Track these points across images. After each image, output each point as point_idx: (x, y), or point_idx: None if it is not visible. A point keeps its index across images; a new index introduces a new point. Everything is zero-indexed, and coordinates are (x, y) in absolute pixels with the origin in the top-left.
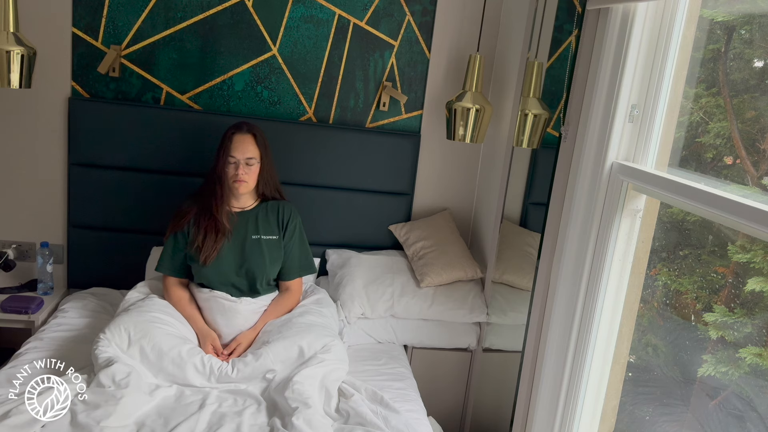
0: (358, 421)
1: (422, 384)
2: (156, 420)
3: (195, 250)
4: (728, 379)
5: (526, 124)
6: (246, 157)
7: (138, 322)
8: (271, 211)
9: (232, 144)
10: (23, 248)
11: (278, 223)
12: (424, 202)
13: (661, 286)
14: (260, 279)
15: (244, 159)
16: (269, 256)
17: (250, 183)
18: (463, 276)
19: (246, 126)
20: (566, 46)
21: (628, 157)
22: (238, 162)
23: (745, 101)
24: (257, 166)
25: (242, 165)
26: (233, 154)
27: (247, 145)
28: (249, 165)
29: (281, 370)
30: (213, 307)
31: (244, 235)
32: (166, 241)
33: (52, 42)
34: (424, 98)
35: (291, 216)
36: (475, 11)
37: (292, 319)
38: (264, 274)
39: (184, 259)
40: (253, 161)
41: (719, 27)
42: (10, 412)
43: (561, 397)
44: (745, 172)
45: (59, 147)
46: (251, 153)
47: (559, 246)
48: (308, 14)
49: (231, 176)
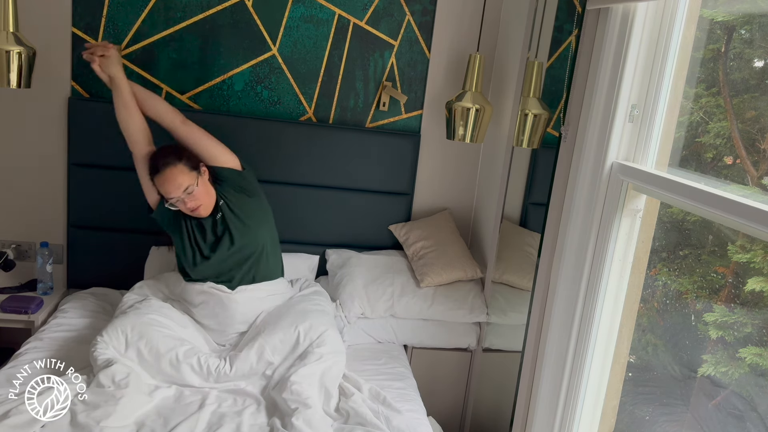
0: (358, 421)
1: (422, 384)
2: (156, 420)
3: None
4: (728, 379)
5: (526, 124)
6: (182, 192)
7: (135, 324)
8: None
9: (163, 187)
10: (23, 248)
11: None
12: (424, 202)
13: (661, 286)
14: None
15: (182, 194)
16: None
17: (205, 204)
18: (463, 276)
19: (160, 161)
20: (566, 46)
21: (628, 157)
22: (180, 198)
23: (745, 101)
24: (199, 186)
25: (185, 199)
26: (169, 196)
27: (176, 180)
28: (190, 193)
29: (279, 363)
30: (208, 301)
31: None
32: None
33: (52, 42)
34: (424, 98)
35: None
36: (475, 11)
37: (288, 308)
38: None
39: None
40: (192, 188)
41: (719, 27)
42: (10, 412)
43: (561, 397)
44: (745, 172)
45: (59, 147)
46: (185, 183)
47: (559, 246)
48: (308, 14)
49: (185, 210)
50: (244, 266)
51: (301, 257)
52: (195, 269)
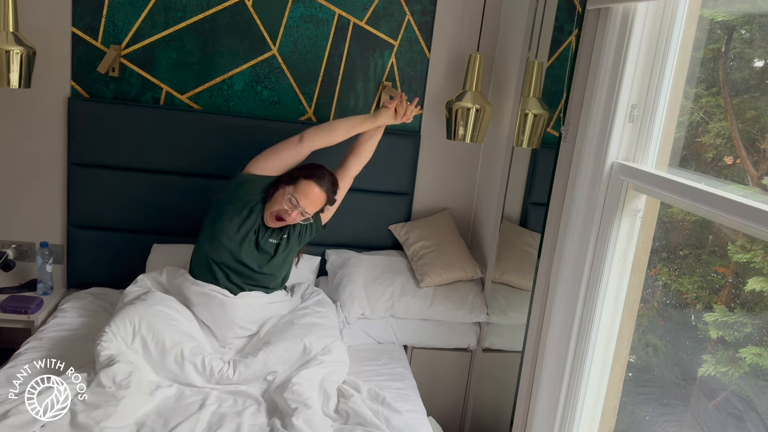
0: (358, 422)
1: (422, 384)
2: (156, 420)
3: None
4: (728, 379)
5: (526, 124)
6: (308, 210)
7: (143, 315)
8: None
9: (307, 189)
10: (23, 248)
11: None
12: (424, 202)
13: (661, 286)
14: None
15: (305, 210)
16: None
17: (294, 222)
18: (463, 276)
19: (327, 179)
20: (566, 46)
21: (628, 157)
22: (296, 206)
23: (745, 101)
24: (310, 215)
25: (299, 213)
26: (300, 200)
27: (317, 202)
28: (303, 216)
29: (282, 371)
30: (209, 303)
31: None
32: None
33: (52, 42)
34: (424, 98)
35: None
36: (475, 11)
37: (293, 320)
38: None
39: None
40: (309, 214)
41: (719, 27)
42: (10, 412)
43: (561, 397)
44: (745, 172)
45: (59, 147)
46: (314, 209)
47: (559, 246)
48: (308, 14)
49: (279, 211)
50: (252, 283)
51: (302, 258)
52: (223, 241)
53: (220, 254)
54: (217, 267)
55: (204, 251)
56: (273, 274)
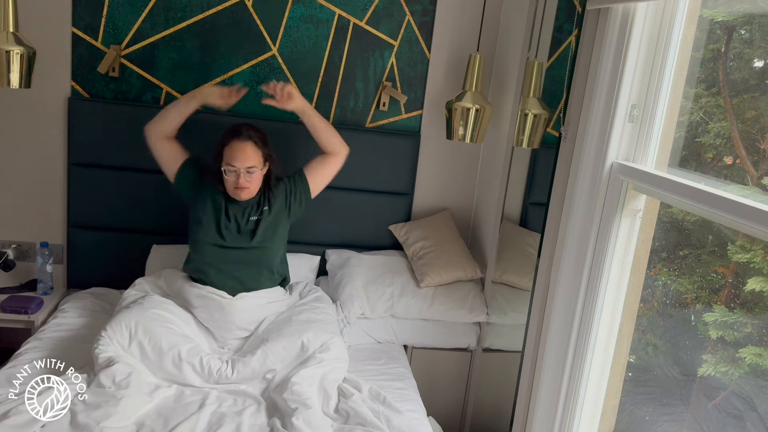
0: (358, 422)
1: (422, 384)
2: (156, 420)
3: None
4: (728, 379)
5: (526, 124)
6: (246, 167)
7: (139, 319)
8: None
9: (231, 152)
10: (23, 248)
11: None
12: (424, 202)
13: (661, 286)
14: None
15: (244, 168)
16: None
17: (252, 189)
18: (462, 276)
19: (245, 130)
20: (566, 46)
21: (628, 157)
22: (238, 171)
23: (745, 101)
24: (260, 172)
25: (243, 174)
26: (232, 163)
27: (248, 154)
28: (250, 173)
29: (281, 369)
30: (208, 305)
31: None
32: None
33: (52, 42)
34: (424, 98)
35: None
36: (475, 11)
37: (291, 317)
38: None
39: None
40: (254, 169)
41: (719, 27)
42: (10, 412)
43: (561, 397)
44: (745, 172)
45: (59, 147)
46: (252, 161)
47: (559, 246)
48: (308, 14)
49: (231, 183)
50: (247, 270)
51: (303, 258)
52: (206, 242)
53: (208, 254)
54: (210, 267)
55: (196, 256)
56: (266, 246)
